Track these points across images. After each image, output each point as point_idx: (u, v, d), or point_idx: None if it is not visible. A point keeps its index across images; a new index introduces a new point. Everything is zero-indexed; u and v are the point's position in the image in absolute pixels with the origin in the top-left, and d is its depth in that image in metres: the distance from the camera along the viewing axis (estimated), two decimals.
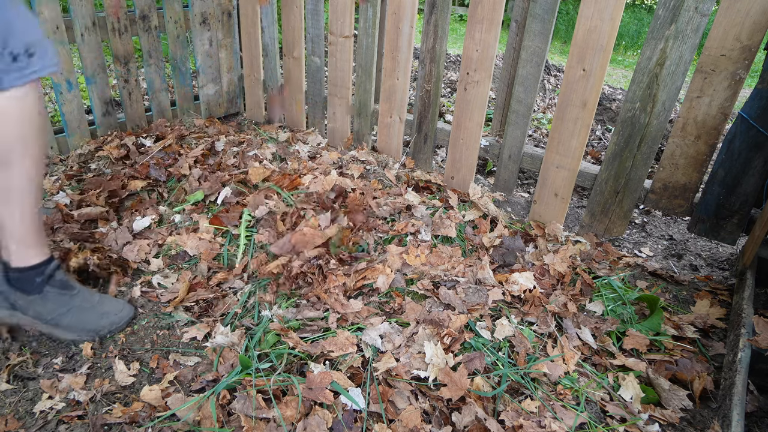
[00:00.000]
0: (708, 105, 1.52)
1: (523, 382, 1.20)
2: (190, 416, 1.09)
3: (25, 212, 1.13)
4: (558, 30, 7.50)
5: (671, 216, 2.09)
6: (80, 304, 1.27)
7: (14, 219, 1.13)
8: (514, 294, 1.48)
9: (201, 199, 1.84)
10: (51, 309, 1.24)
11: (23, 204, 1.12)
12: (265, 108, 2.62)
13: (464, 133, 1.95)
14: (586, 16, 1.54)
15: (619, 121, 1.64)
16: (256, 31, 2.41)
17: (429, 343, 1.24)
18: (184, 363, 1.26)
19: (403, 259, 1.59)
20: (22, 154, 1.08)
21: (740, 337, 1.26)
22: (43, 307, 1.23)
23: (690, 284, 1.63)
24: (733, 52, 1.43)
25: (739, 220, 1.62)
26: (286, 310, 1.40)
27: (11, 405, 1.13)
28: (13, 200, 1.11)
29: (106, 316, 1.31)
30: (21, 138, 1.06)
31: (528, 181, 2.42)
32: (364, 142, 2.32)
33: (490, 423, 1.07)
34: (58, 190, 1.90)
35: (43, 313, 1.23)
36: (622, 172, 1.70)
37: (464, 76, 1.86)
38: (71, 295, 1.26)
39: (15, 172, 1.08)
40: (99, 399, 1.15)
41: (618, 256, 1.73)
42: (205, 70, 2.50)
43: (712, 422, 1.12)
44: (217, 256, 1.62)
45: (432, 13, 1.87)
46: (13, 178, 1.09)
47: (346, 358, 1.23)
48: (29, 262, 1.19)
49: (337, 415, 1.08)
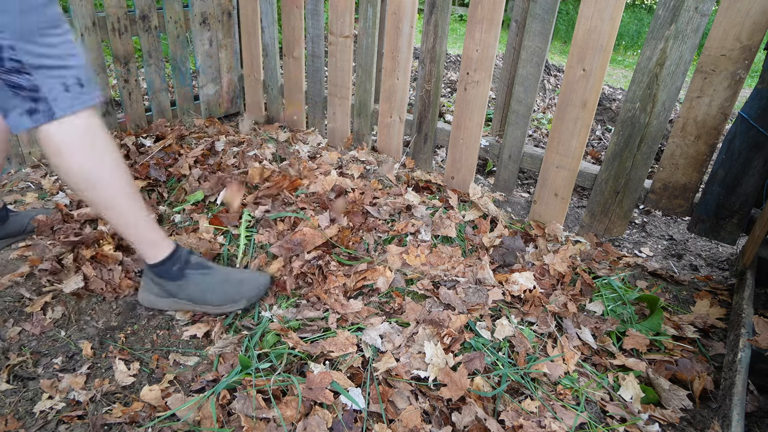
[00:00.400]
0: (708, 105, 1.52)
1: (523, 382, 1.20)
2: (190, 416, 1.09)
3: (132, 217, 1.24)
4: (558, 30, 7.50)
5: (671, 216, 2.09)
6: (220, 279, 1.38)
7: (128, 226, 1.25)
8: (514, 294, 1.48)
9: (201, 199, 1.84)
10: (196, 290, 1.36)
11: (128, 211, 1.23)
12: (264, 108, 2.62)
13: (464, 133, 1.95)
14: (586, 16, 1.55)
15: (619, 121, 1.64)
16: (256, 31, 2.41)
17: (429, 343, 1.24)
18: (184, 363, 1.26)
19: (403, 259, 1.59)
20: (103, 172, 1.17)
21: (740, 337, 1.26)
22: (190, 288, 1.36)
23: (690, 284, 1.63)
24: (733, 52, 1.43)
25: (739, 220, 1.62)
26: (286, 311, 1.40)
27: (11, 405, 1.13)
28: (120, 211, 1.22)
29: (245, 284, 1.41)
30: (93, 161, 1.15)
31: (528, 181, 2.42)
32: (364, 142, 2.32)
33: (490, 423, 1.07)
34: (58, 190, 1.90)
35: (192, 294, 1.37)
36: (622, 172, 1.70)
37: (464, 76, 1.86)
38: (210, 274, 1.38)
39: (105, 190, 1.18)
40: (99, 399, 1.15)
41: (618, 256, 1.73)
42: (205, 70, 2.50)
43: (712, 422, 1.12)
44: (217, 256, 1.62)
45: (432, 13, 1.87)
46: (109, 194, 1.19)
47: (346, 358, 1.23)
48: (160, 257, 1.32)
49: (337, 415, 1.08)
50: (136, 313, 1.42)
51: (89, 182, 1.16)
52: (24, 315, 1.36)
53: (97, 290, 1.44)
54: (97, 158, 1.16)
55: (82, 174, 1.15)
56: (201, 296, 1.37)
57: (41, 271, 1.46)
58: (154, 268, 1.34)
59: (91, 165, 1.15)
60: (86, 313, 1.39)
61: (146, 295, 1.40)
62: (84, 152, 1.14)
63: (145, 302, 1.41)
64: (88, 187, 1.17)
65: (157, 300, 1.39)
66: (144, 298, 1.40)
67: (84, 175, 1.15)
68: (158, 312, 1.42)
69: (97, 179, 1.17)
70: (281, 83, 2.50)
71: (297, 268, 1.51)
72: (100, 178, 1.17)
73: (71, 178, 1.16)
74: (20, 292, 1.42)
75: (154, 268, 1.34)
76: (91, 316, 1.39)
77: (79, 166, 1.14)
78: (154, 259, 1.32)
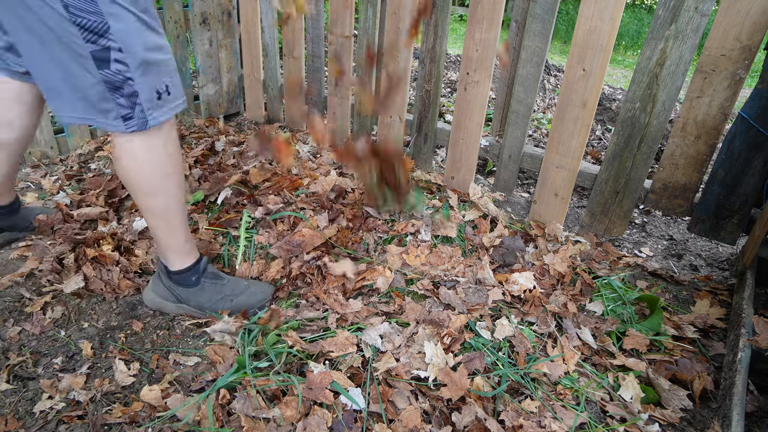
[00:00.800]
0: (708, 105, 1.52)
1: (523, 382, 1.20)
2: (190, 416, 1.09)
3: (178, 227, 1.27)
4: (558, 30, 7.50)
5: (671, 216, 2.09)
6: (232, 290, 1.41)
7: (169, 235, 1.28)
8: (514, 294, 1.48)
9: (201, 200, 1.84)
10: (208, 298, 1.39)
11: (175, 221, 1.26)
12: (264, 108, 2.62)
13: (464, 133, 1.95)
14: (586, 16, 1.54)
15: (619, 121, 1.64)
16: (256, 31, 2.41)
17: (429, 343, 1.23)
18: (184, 363, 1.26)
19: (403, 259, 1.59)
20: (165, 186, 1.19)
21: (740, 337, 1.26)
22: (202, 297, 1.38)
23: (690, 284, 1.63)
24: (733, 52, 1.43)
25: (739, 220, 1.62)
26: (286, 311, 1.40)
27: (11, 405, 1.13)
28: (169, 220, 1.25)
29: (254, 296, 1.44)
30: (165, 170, 1.17)
31: (528, 181, 2.42)
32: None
33: (490, 423, 1.07)
34: (59, 190, 1.90)
35: (203, 302, 1.39)
36: (622, 172, 1.70)
37: (464, 76, 1.86)
38: (222, 284, 1.41)
39: (160, 200, 1.21)
40: (99, 399, 1.15)
41: (618, 256, 1.73)
42: (205, 70, 2.50)
43: (712, 422, 1.12)
44: (216, 257, 1.62)
45: (432, 13, 1.87)
46: (166, 203, 1.22)
47: (346, 358, 1.23)
48: (185, 265, 1.34)
49: (337, 415, 1.08)
50: (137, 313, 1.42)
51: (152, 191, 1.18)
52: (24, 315, 1.36)
53: (97, 290, 1.44)
54: (168, 170, 1.17)
55: (149, 182, 1.16)
56: (211, 306, 1.39)
57: (41, 272, 1.46)
58: (174, 275, 1.34)
59: (160, 175, 1.17)
60: (86, 313, 1.39)
61: (152, 297, 1.40)
62: (157, 162, 1.15)
63: (149, 303, 1.41)
64: (148, 195, 1.19)
65: (162, 302, 1.39)
66: (150, 299, 1.41)
67: (151, 183, 1.17)
68: (158, 312, 1.42)
69: (160, 189, 1.18)
70: (281, 83, 2.50)
71: (296, 269, 1.51)
72: (164, 189, 1.19)
73: (134, 182, 1.16)
74: (20, 292, 1.42)
75: (174, 275, 1.34)
76: (91, 316, 1.39)
77: (149, 174, 1.15)
78: (177, 267, 1.33)
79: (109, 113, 1.07)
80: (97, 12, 0.96)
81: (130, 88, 1.05)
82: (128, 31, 1.01)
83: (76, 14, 0.95)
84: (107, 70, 1.02)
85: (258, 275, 1.56)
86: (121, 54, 1.01)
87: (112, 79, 1.03)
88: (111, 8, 0.97)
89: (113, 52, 1.01)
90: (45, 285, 1.44)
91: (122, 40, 1.00)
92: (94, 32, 0.97)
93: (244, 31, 2.44)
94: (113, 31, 0.99)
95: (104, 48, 0.99)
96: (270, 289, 1.48)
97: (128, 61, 1.02)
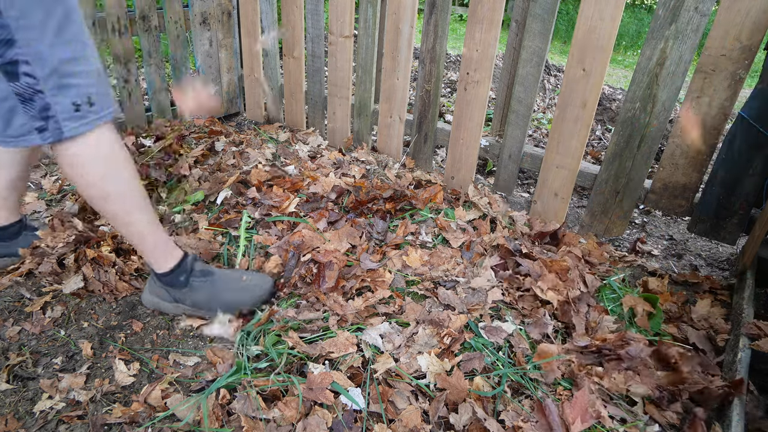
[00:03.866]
0: (708, 105, 1.52)
1: (523, 382, 1.20)
2: (190, 416, 1.09)
3: (144, 230, 1.25)
4: (558, 30, 7.50)
5: (671, 216, 2.09)
6: (225, 285, 1.39)
7: (140, 237, 1.25)
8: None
9: (201, 200, 1.84)
10: (202, 296, 1.37)
11: (140, 223, 1.24)
12: (264, 108, 2.62)
13: (464, 133, 1.95)
14: (586, 16, 1.54)
15: (619, 121, 1.64)
16: (256, 31, 2.41)
17: (422, 356, 1.22)
18: (184, 363, 1.26)
19: (402, 260, 1.59)
20: (114, 188, 1.17)
21: (740, 337, 1.26)
22: (195, 295, 1.37)
23: (690, 284, 1.63)
24: (733, 52, 1.43)
25: (739, 220, 1.62)
26: (286, 311, 1.40)
27: (11, 405, 1.13)
28: (132, 223, 1.23)
29: (250, 290, 1.41)
30: (107, 175, 1.15)
31: (528, 181, 2.42)
32: (364, 142, 2.32)
33: (489, 423, 1.07)
34: (59, 189, 1.90)
35: (198, 301, 1.37)
36: (622, 172, 1.70)
37: (464, 76, 1.86)
38: (213, 280, 1.38)
39: (114, 204, 1.19)
40: (99, 399, 1.15)
41: (618, 256, 1.73)
42: (205, 70, 2.50)
43: (712, 422, 1.12)
44: (216, 257, 1.62)
45: (432, 13, 1.87)
46: (122, 208, 1.20)
47: (346, 358, 1.23)
48: (168, 267, 1.33)
49: (337, 415, 1.08)
50: (136, 313, 1.42)
51: (102, 196, 1.16)
52: (24, 315, 1.36)
53: (96, 291, 1.44)
54: (111, 173, 1.15)
55: (96, 188, 1.15)
56: (207, 303, 1.38)
57: (41, 273, 1.46)
58: (163, 277, 1.34)
59: (103, 179, 1.15)
60: (86, 312, 1.39)
61: (151, 298, 1.40)
62: (96, 167, 1.13)
63: (148, 304, 1.41)
64: (101, 200, 1.17)
65: (160, 303, 1.39)
66: (148, 300, 1.41)
67: (97, 188, 1.15)
68: (158, 312, 1.42)
69: (109, 193, 1.16)
70: (281, 83, 2.50)
71: (296, 270, 1.51)
72: (113, 192, 1.17)
73: (84, 191, 1.16)
74: (20, 292, 1.42)
75: (163, 277, 1.34)
76: (91, 315, 1.39)
77: (91, 180, 1.14)
78: (162, 269, 1.33)
79: (23, 125, 1.04)
80: (3, 25, 0.93)
81: (41, 101, 1.02)
82: (38, 42, 0.97)
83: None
84: (16, 83, 0.99)
85: None
86: (29, 67, 0.98)
87: (22, 92, 1.00)
88: (19, 21, 0.94)
89: (21, 66, 0.97)
90: (45, 285, 1.44)
91: (30, 52, 0.97)
92: (2, 44, 0.94)
93: (244, 31, 2.44)
94: (23, 43, 0.95)
95: (11, 61, 0.96)
96: (269, 282, 1.45)
97: (37, 74, 0.99)
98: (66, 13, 1.00)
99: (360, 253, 1.57)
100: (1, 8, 0.93)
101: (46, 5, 0.97)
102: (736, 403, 1.09)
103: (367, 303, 1.39)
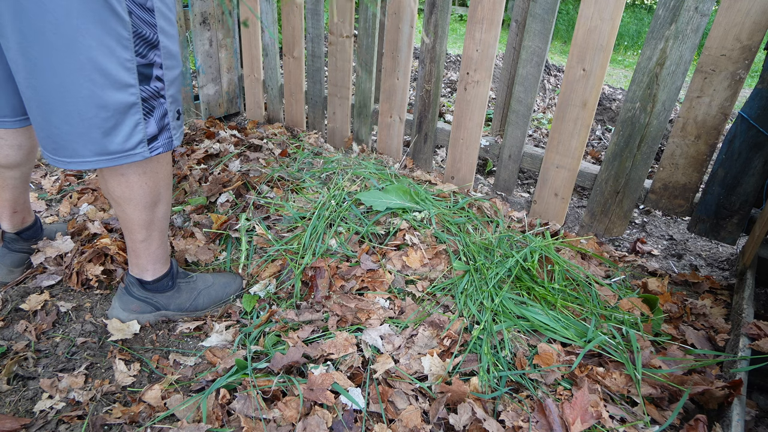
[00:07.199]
0: (708, 105, 1.52)
1: (523, 382, 1.20)
2: (190, 416, 1.09)
3: (161, 238, 1.27)
4: (558, 30, 7.50)
5: (671, 216, 2.09)
6: (204, 284, 1.43)
7: (153, 245, 1.26)
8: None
9: (204, 203, 1.84)
10: (186, 297, 1.39)
11: (161, 232, 1.26)
12: (264, 108, 2.62)
13: (464, 133, 1.95)
14: (586, 16, 1.55)
15: (619, 121, 1.64)
16: (256, 31, 2.41)
17: (425, 357, 1.22)
18: (184, 363, 1.26)
19: (402, 261, 1.58)
20: (166, 194, 1.21)
21: (740, 337, 1.26)
22: (180, 298, 1.38)
23: (690, 284, 1.63)
24: (733, 52, 1.43)
25: (739, 220, 1.62)
26: (286, 312, 1.40)
27: (11, 404, 1.13)
28: (155, 230, 1.24)
29: (227, 287, 1.46)
30: (167, 182, 1.19)
31: (528, 181, 2.42)
32: (364, 142, 2.32)
33: (489, 423, 1.07)
34: (59, 190, 1.90)
35: (182, 302, 1.39)
36: (622, 172, 1.70)
37: (464, 76, 1.86)
38: (194, 281, 1.41)
39: (160, 208, 1.22)
40: (99, 399, 1.15)
41: (618, 256, 1.73)
42: (205, 70, 2.50)
43: (712, 423, 1.12)
44: (217, 258, 1.62)
45: (432, 13, 1.87)
46: (158, 214, 1.22)
47: (346, 359, 1.23)
48: (162, 272, 1.33)
49: (337, 415, 1.08)
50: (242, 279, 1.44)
51: (139, 207, 1.15)
52: (24, 314, 1.35)
53: (95, 291, 1.44)
54: (159, 192, 1.17)
55: (140, 201, 1.14)
56: (192, 303, 1.39)
57: (42, 272, 1.46)
58: (150, 285, 1.32)
59: (151, 197, 1.16)
60: (86, 312, 1.39)
61: (123, 315, 1.34)
62: (151, 184, 1.14)
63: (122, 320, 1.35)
64: (133, 209, 1.16)
65: (138, 317, 1.34)
66: (121, 317, 1.34)
67: (139, 201, 1.15)
68: None
69: (149, 206, 1.17)
70: (281, 83, 2.50)
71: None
72: (152, 208, 1.18)
73: (138, 196, 1.14)
74: (20, 291, 1.42)
75: (150, 285, 1.32)
76: (92, 315, 1.39)
77: (141, 195, 1.14)
78: (156, 276, 1.31)
79: (129, 138, 1.00)
80: (153, 24, 0.93)
81: (161, 108, 1.00)
82: (172, 46, 0.98)
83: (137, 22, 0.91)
84: (146, 86, 0.97)
85: (256, 275, 1.56)
86: (161, 71, 0.97)
87: (148, 97, 0.98)
88: (161, 21, 0.95)
89: (155, 69, 0.96)
90: (45, 284, 1.44)
91: (165, 55, 0.97)
92: (148, 44, 0.94)
93: (244, 31, 2.45)
94: (161, 45, 0.96)
95: (149, 63, 0.96)
96: (240, 278, 1.51)
97: (166, 78, 0.99)
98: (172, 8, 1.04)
99: (360, 254, 1.57)
100: (155, 6, 0.93)
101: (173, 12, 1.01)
102: (736, 403, 1.10)
103: (367, 304, 1.39)
